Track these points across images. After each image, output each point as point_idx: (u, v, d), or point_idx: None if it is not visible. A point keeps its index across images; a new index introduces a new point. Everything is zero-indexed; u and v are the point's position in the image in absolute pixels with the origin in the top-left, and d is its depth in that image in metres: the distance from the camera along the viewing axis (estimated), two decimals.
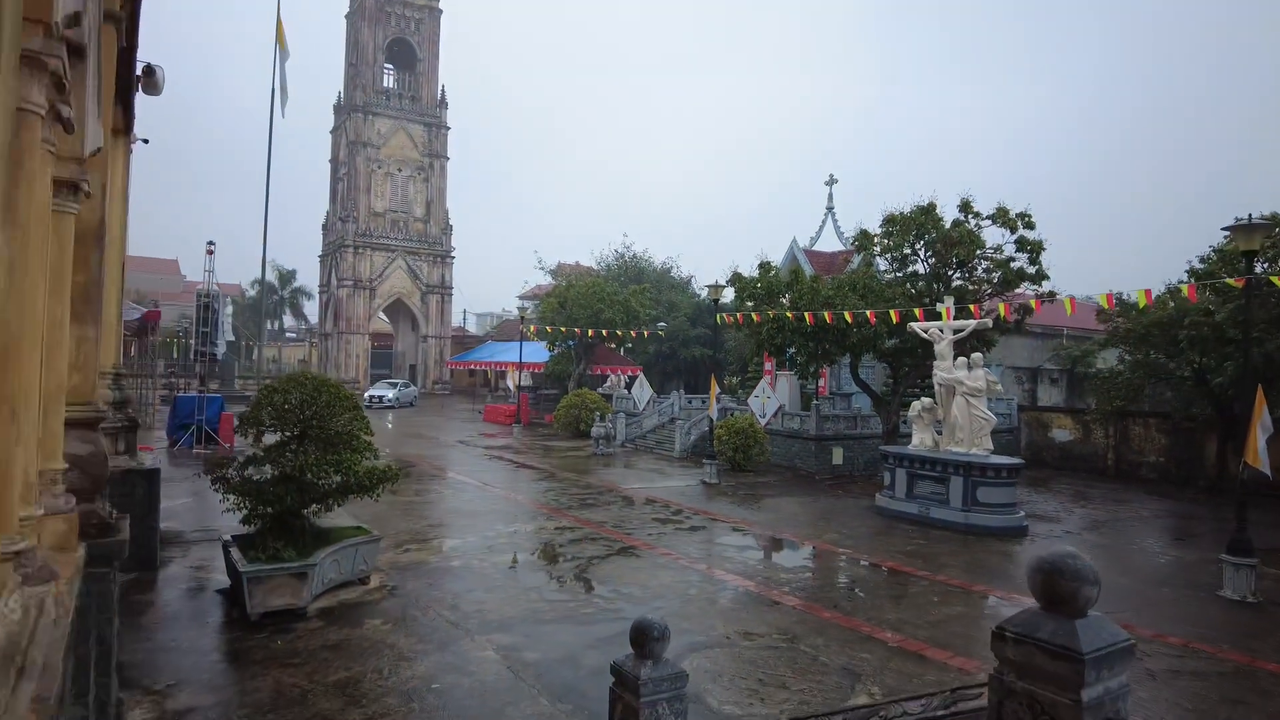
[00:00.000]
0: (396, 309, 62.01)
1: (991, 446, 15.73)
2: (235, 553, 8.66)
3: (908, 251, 19.77)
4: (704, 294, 46.74)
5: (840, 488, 19.94)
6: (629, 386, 33.47)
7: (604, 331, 31.38)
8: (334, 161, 62.97)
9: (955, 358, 16.43)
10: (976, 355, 15.97)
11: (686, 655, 7.81)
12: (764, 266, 20.21)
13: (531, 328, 33.37)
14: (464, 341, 65.63)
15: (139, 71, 11.02)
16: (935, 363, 16.62)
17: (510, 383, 32.58)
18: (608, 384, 37.39)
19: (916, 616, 9.40)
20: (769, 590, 10.31)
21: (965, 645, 8.45)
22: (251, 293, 68.11)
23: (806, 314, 17.77)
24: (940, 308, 16.46)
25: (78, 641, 5.55)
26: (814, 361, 19.60)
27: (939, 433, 16.76)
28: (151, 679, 6.73)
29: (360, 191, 57.82)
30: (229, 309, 76.11)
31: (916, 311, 17.03)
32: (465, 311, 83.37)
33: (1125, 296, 19.39)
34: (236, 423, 9.61)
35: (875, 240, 19.38)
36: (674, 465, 22.99)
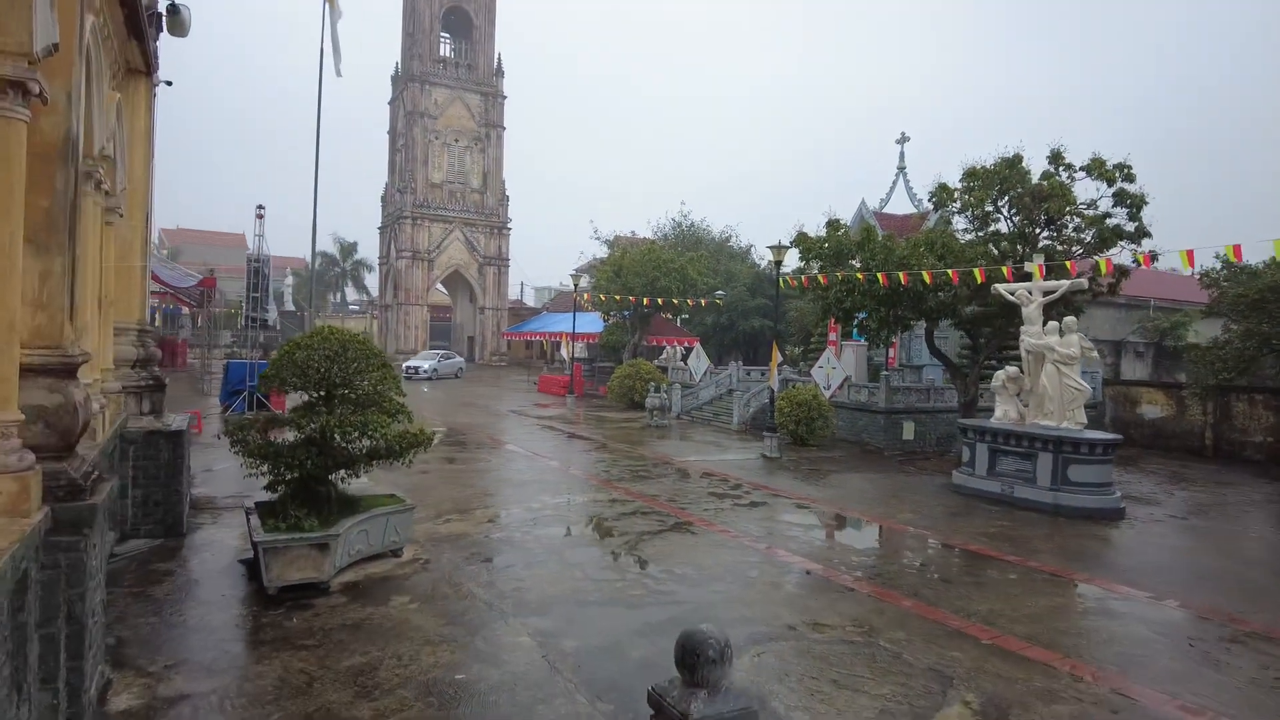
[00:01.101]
0: (454, 281, 62.00)
1: (1085, 420, 14.25)
2: (254, 520, 7.98)
3: (989, 209, 18.13)
4: (764, 263, 45.21)
5: (911, 464, 18.61)
6: (685, 358, 32.41)
7: (660, 300, 30.29)
8: (392, 133, 63.00)
9: (1044, 322, 14.92)
10: (1070, 319, 14.43)
11: (748, 648, 6.83)
12: (832, 225, 18.81)
13: (585, 295, 32.45)
14: (520, 314, 65.37)
15: (161, 9, 10.36)
16: (1023, 328, 15.12)
17: (565, 353, 31.72)
18: (663, 355, 36.34)
19: (1010, 608, 8.21)
20: (839, 574, 9.23)
21: (1074, 645, 7.26)
22: (316, 266, 69.03)
23: (880, 275, 16.38)
24: (1029, 267, 14.92)
25: (45, 619, 4.85)
26: (886, 327, 18.21)
27: (1024, 405, 15.31)
28: (149, 658, 6.06)
29: (418, 163, 57.64)
30: (289, 279, 77.46)
31: (1004, 270, 15.50)
32: (523, 284, 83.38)
33: (1218, 255, 17.44)
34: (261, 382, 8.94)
35: (955, 195, 17.77)
36: (731, 438, 21.92)
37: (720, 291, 36.68)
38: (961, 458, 16.23)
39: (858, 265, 17.68)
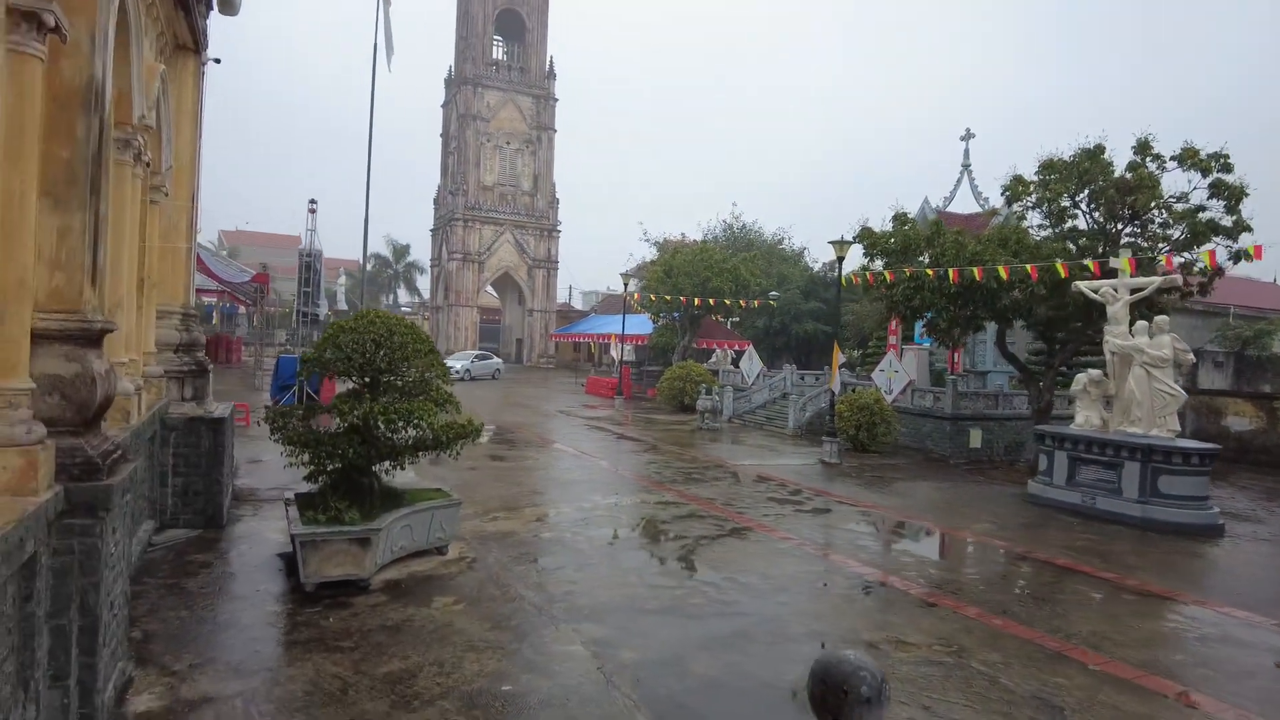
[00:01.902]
0: (504, 283, 62.07)
1: (1178, 428, 13.14)
2: (293, 511, 7.54)
3: (1065, 204, 17.04)
4: (817, 265, 44.18)
5: (979, 473, 17.58)
6: (736, 361, 31.61)
7: (711, 301, 29.54)
8: (444, 135, 63.46)
9: (1131, 322, 13.86)
10: (1162, 318, 13.35)
11: None
12: (899, 219, 17.88)
13: (635, 295, 31.83)
14: (568, 316, 65.19)
15: None
16: (1107, 328, 14.07)
17: (614, 354, 31.12)
18: (713, 359, 35.57)
19: (1116, 631, 7.34)
20: (917, 587, 8.44)
21: (1201, 678, 6.39)
22: (370, 268, 69.89)
23: (951, 271, 15.45)
24: (1116, 262, 13.87)
25: (55, 610, 4.40)
26: (957, 327, 17.21)
27: (1108, 410, 14.25)
28: (175, 655, 5.61)
29: (470, 165, 57.87)
30: (343, 279, 78.65)
31: (1090, 264, 14.45)
32: (571, 288, 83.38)
33: None
34: (300, 368, 8.52)
35: (1030, 189, 16.73)
36: (786, 443, 21.09)
37: (774, 293, 35.75)
38: (1037, 466, 15.19)
39: (926, 262, 16.74)
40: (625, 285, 30.37)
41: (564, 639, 6.42)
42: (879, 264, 17.84)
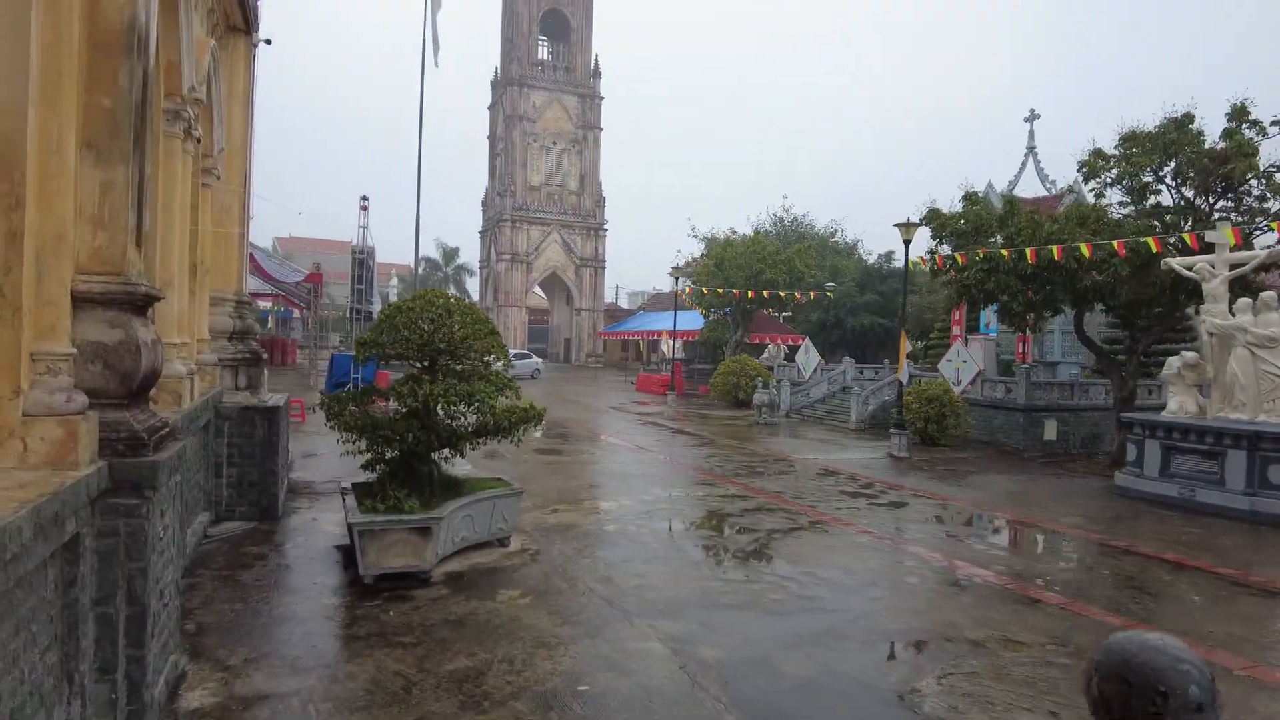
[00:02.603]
0: (551, 283, 62.06)
1: None
2: (349, 501, 7.19)
3: (1149, 179, 15.99)
4: (872, 257, 43.08)
5: (1057, 465, 16.62)
6: (789, 356, 30.82)
7: (765, 293, 28.80)
8: (491, 138, 63.78)
9: (1230, 300, 12.87)
10: (1269, 294, 12.34)
11: (929, 668, 5.53)
12: (970, 198, 16.99)
13: (687, 290, 31.23)
14: (615, 316, 64.90)
15: None
16: (1204, 307, 13.09)
17: (665, 348, 30.52)
18: (765, 354, 34.75)
19: (1253, 632, 6.57)
20: (1016, 583, 7.74)
21: None
22: (420, 271, 70.54)
23: (1028, 251, 14.57)
24: (1215, 235, 12.88)
25: (101, 597, 4.06)
26: (1033, 311, 16.28)
27: (1204, 396, 13.27)
28: (229, 649, 5.25)
29: (517, 165, 57.99)
30: (394, 283, 79.66)
31: (1188, 238, 13.48)
32: (617, 288, 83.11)
33: None
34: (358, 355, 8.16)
35: (1110, 163, 15.71)
36: (849, 437, 20.32)
37: (831, 284, 34.78)
38: (1122, 457, 14.28)
39: (999, 243, 15.85)
40: (676, 280, 29.80)
41: (639, 635, 5.92)
42: (946, 248, 16.98)
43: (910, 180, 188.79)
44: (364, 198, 22.67)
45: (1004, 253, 14.98)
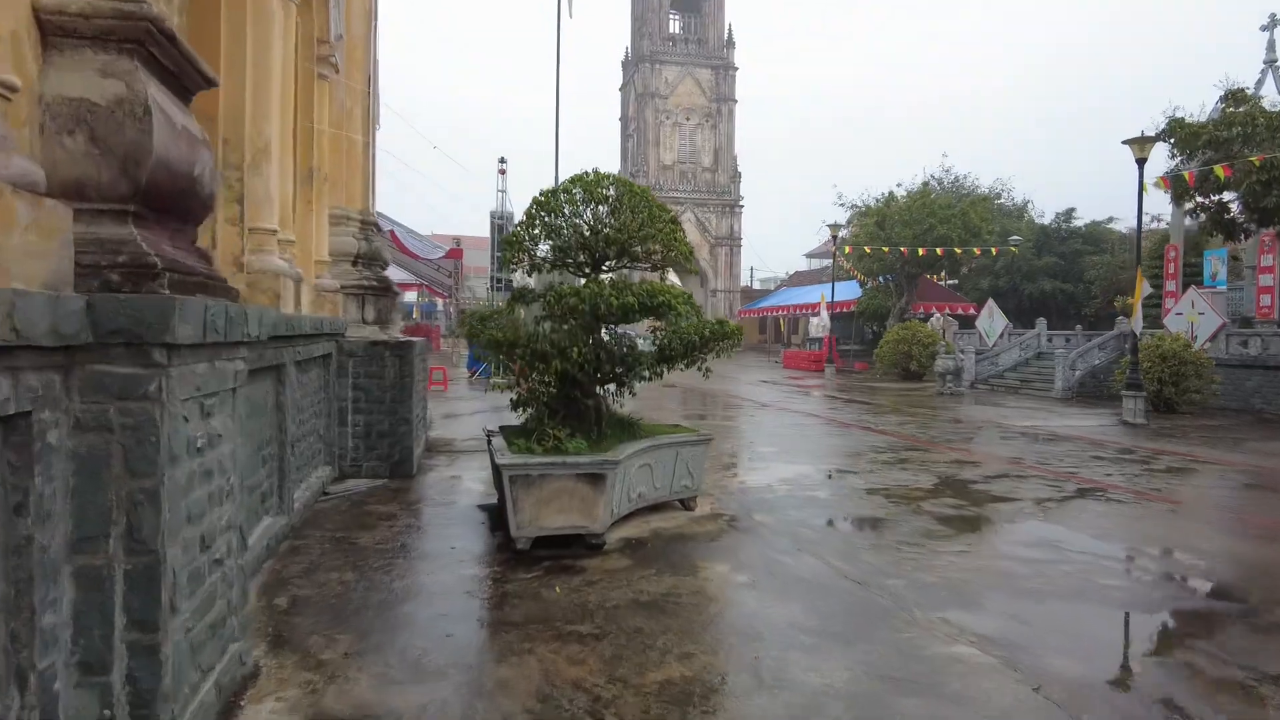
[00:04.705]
0: None
1: None
2: (498, 442, 5.42)
3: None
4: (1045, 218, 38.41)
5: None
6: (967, 325, 27.38)
7: (939, 251, 25.54)
8: (623, 119, 62.53)
9: None
10: None
11: None
12: (1234, 97, 13.60)
13: (847, 248, 28.32)
14: (751, 297, 62.24)
15: None
16: None
17: (823, 317, 27.57)
18: (931, 324, 31.39)
19: None
20: None
21: None
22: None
23: None
24: None
25: (81, 540, 2.37)
26: None
27: None
28: (326, 637, 3.53)
29: (649, 145, 56.42)
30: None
31: None
32: (752, 270, 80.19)
33: None
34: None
35: None
36: (1058, 405, 17.11)
37: (1016, 237, 30.68)
38: None
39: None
40: (834, 237, 26.85)
41: (936, 635, 3.77)
42: (1197, 162, 13.63)
43: (1093, 126, 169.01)
44: (502, 160, 21.51)
45: None
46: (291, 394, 5.39)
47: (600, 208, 5.73)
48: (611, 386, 6.05)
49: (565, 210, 5.64)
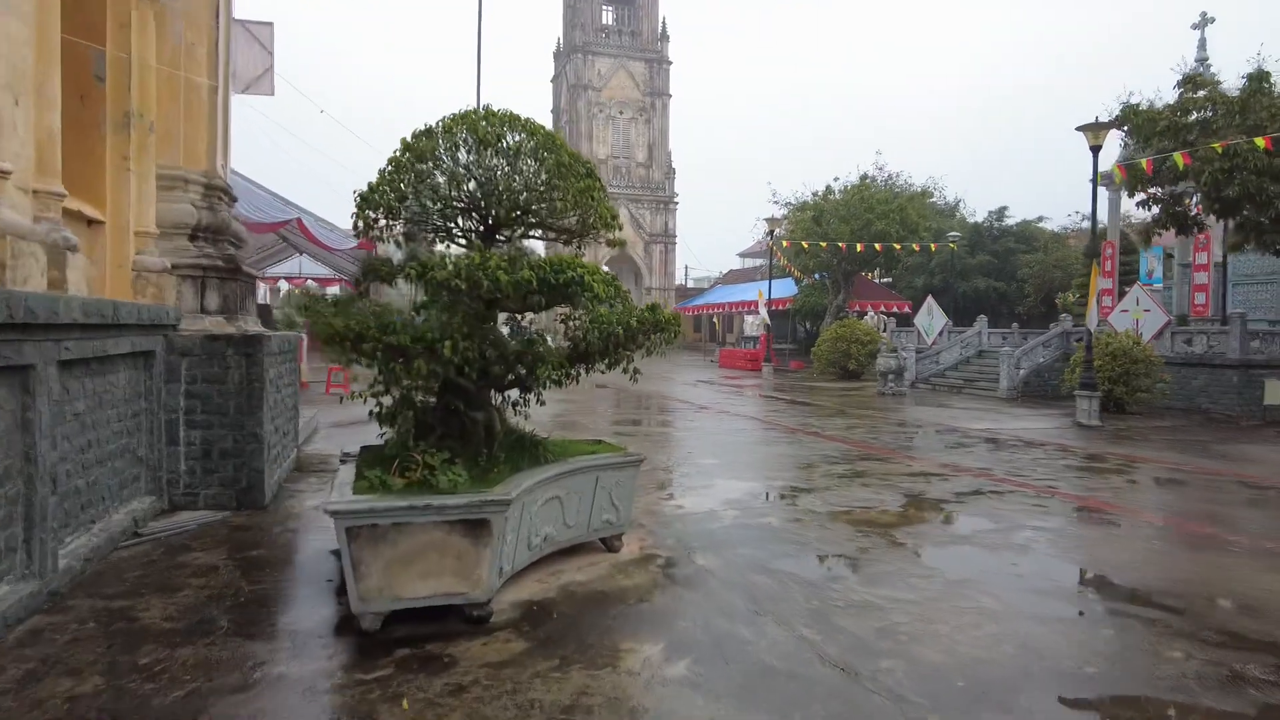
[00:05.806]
0: (620, 261, 58.63)
1: None
2: (343, 474, 3.97)
3: None
4: (977, 216, 38.47)
5: None
6: (904, 322, 26.80)
7: (878, 247, 24.78)
8: (555, 112, 60.81)
9: None
10: None
11: None
12: (1191, 81, 12.96)
13: (785, 243, 27.34)
14: (685, 295, 61.38)
15: None
16: None
17: (761, 313, 26.42)
18: (866, 322, 30.83)
19: None
20: None
21: None
22: None
23: None
24: None
25: None
26: None
27: None
28: None
29: (582, 138, 54.75)
30: None
31: None
32: (687, 268, 79.40)
33: None
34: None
35: None
36: (1005, 406, 16.40)
37: (954, 234, 30.33)
38: None
39: (1243, 136, 11.79)
40: (770, 233, 25.77)
41: None
42: (1152, 150, 12.96)
43: (1030, 132, 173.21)
44: None
45: (1261, 141, 10.92)
46: (51, 407, 3.83)
47: (496, 159, 4.32)
48: (515, 393, 4.67)
49: (445, 160, 4.20)
